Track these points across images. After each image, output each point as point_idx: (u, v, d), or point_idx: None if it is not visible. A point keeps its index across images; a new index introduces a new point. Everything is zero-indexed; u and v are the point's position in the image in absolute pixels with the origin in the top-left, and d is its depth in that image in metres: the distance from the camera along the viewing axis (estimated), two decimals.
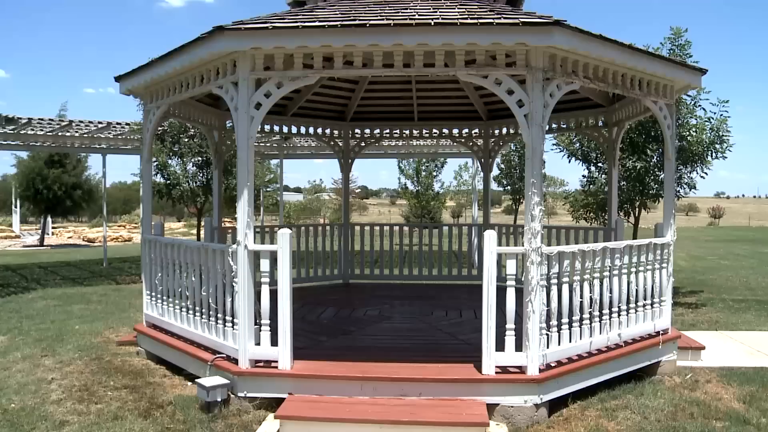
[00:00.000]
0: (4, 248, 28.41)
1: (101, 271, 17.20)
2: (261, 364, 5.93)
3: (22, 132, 15.35)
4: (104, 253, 19.33)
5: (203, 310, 6.57)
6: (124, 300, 12.02)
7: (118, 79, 7.69)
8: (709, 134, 10.91)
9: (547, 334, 5.76)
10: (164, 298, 7.33)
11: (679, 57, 10.84)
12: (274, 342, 5.85)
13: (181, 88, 6.84)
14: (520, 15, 5.74)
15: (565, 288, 5.96)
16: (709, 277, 16.05)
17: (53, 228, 40.37)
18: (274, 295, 5.81)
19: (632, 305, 6.72)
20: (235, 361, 5.98)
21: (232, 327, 6.06)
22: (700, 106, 11.15)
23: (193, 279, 6.72)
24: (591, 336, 6.25)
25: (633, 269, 6.70)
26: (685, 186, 11.58)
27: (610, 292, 6.42)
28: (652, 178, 11.27)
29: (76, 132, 16.08)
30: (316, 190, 60.52)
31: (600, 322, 6.34)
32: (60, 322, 9.77)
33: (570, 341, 6.05)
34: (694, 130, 10.89)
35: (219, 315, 6.29)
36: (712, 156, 11.10)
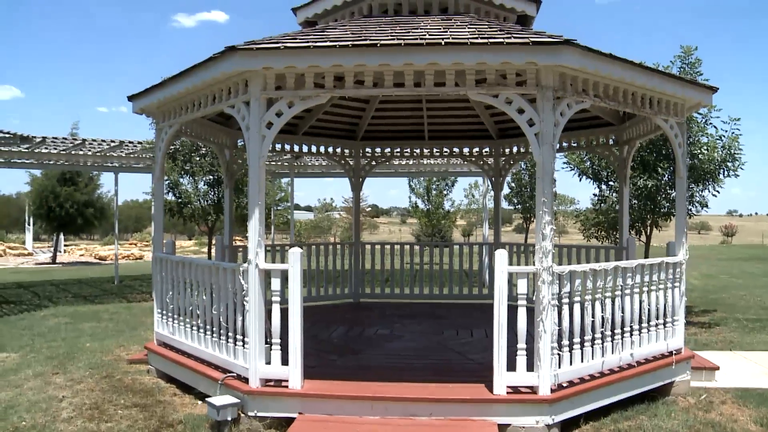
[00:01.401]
0: (17, 265, 28.58)
1: (112, 289, 17.25)
2: (271, 383, 5.92)
3: (36, 150, 15.51)
4: (115, 271, 19.40)
5: (214, 329, 6.57)
6: (134, 318, 12.04)
7: (131, 98, 7.76)
8: (720, 152, 10.86)
9: (558, 354, 5.72)
10: (175, 316, 7.34)
11: (690, 75, 10.83)
12: (285, 361, 5.84)
13: (193, 107, 6.90)
14: (530, 34, 5.76)
15: (577, 307, 5.93)
16: (722, 296, 15.91)
17: (65, 245, 40.59)
18: (284, 313, 5.81)
19: (644, 325, 6.66)
20: (246, 380, 5.96)
21: (243, 346, 6.05)
22: (711, 123, 11.12)
23: (204, 297, 6.73)
24: (603, 356, 6.20)
25: (645, 288, 6.65)
26: (696, 204, 11.53)
27: (622, 311, 6.38)
28: (663, 196, 11.22)
29: (89, 150, 16.22)
30: (327, 209, 60.56)
31: (612, 341, 6.29)
32: (71, 340, 9.79)
33: (582, 361, 6.01)
34: (705, 148, 10.85)
35: (230, 334, 6.29)
36: (724, 174, 11.05)
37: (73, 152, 16.15)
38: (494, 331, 5.60)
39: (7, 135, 12.49)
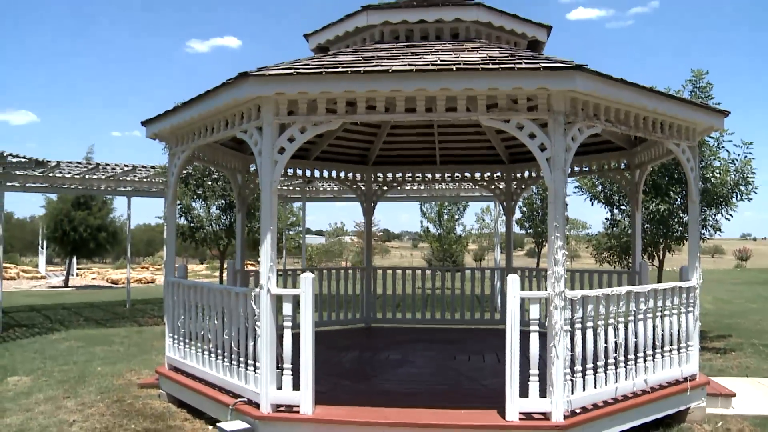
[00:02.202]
0: (30, 288, 28.69)
1: (124, 313, 17.28)
2: (283, 408, 5.89)
3: (51, 175, 15.65)
4: (127, 295, 19.43)
5: (225, 354, 6.56)
6: (146, 342, 12.05)
7: (144, 123, 7.84)
8: (733, 176, 10.83)
9: (571, 380, 5.68)
10: (186, 340, 7.34)
11: (701, 99, 10.84)
12: (296, 386, 5.82)
13: (206, 132, 6.95)
14: (541, 60, 5.79)
15: (590, 332, 5.89)
16: (737, 320, 15.73)
17: (78, 269, 40.76)
18: (296, 338, 5.80)
19: (658, 350, 6.61)
20: (257, 406, 5.94)
21: (254, 371, 6.04)
22: (723, 147, 11.11)
23: (216, 322, 6.73)
24: (616, 381, 6.14)
25: (658, 313, 6.61)
26: (710, 228, 11.47)
27: (636, 336, 6.33)
28: (676, 220, 11.18)
29: (103, 175, 16.34)
30: (338, 233, 60.56)
31: (625, 367, 6.24)
32: (83, 364, 9.81)
33: (595, 387, 5.95)
34: (717, 171, 10.83)
35: (241, 358, 6.28)
36: (736, 198, 11.01)
37: (87, 176, 16.29)
38: (506, 356, 5.56)
39: (22, 159, 12.60)
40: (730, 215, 11.28)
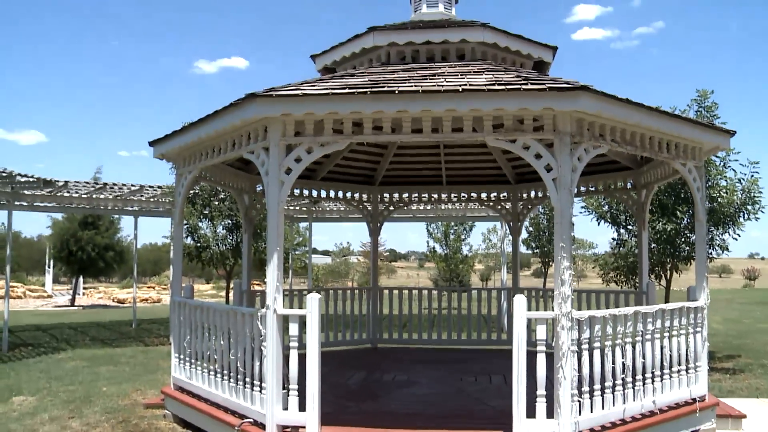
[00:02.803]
0: (37, 308, 28.74)
1: (130, 333, 17.27)
2: (288, 429, 5.87)
3: (59, 194, 15.72)
4: (133, 315, 19.43)
5: (231, 374, 6.55)
6: (152, 362, 12.02)
7: (152, 143, 7.88)
8: (740, 195, 10.81)
9: (579, 401, 5.64)
10: (192, 360, 7.33)
11: (707, 118, 10.85)
12: (302, 407, 5.80)
13: (213, 152, 6.99)
14: (547, 80, 5.82)
15: (597, 353, 5.86)
16: (745, 341, 15.62)
17: (84, 288, 40.80)
18: (302, 359, 5.79)
19: (666, 371, 6.56)
20: (263, 426, 5.91)
21: (260, 391, 6.02)
22: (729, 167, 11.10)
23: (222, 342, 6.72)
24: (624, 403, 6.09)
25: (666, 334, 6.57)
26: (717, 248, 11.43)
27: (643, 357, 6.29)
28: (683, 240, 11.14)
29: (110, 194, 16.41)
30: (344, 253, 60.58)
31: (633, 388, 6.20)
32: (88, 384, 9.79)
33: (603, 408, 5.91)
34: (724, 191, 10.81)
35: (247, 379, 6.26)
36: (744, 217, 10.98)
37: (94, 196, 16.36)
38: (513, 377, 5.54)
39: (30, 179, 12.68)
40: (738, 235, 11.25)
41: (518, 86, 5.48)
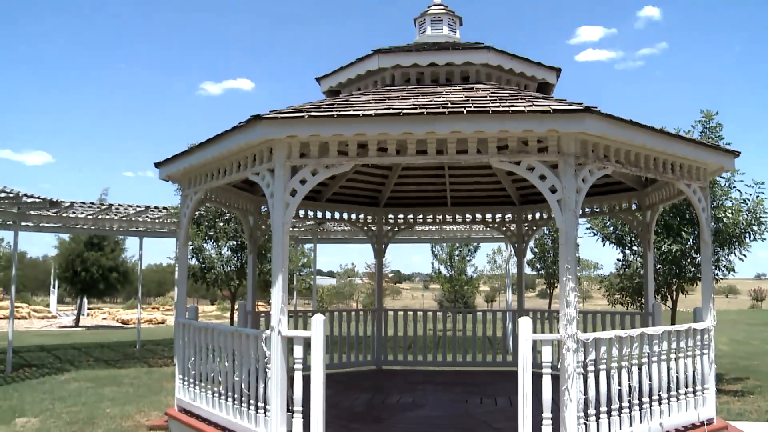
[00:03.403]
0: (41, 328, 28.74)
1: (134, 354, 17.24)
2: None
3: (65, 215, 15.80)
4: (138, 335, 19.42)
5: (235, 396, 6.52)
6: (155, 383, 11.99)
7: (157, 165, 7.92)
8: (745, 216, 10.80)
9: (585, 423, 5.59)
10: (196, 382, 7.30)
11: (711, 139, 10.87)
12: (307, 429, 5.76)
13: (218, 174, 7.02)
14: (551, 102, 5.84)
15: (603, 375, 5.82)
16: (754, 362, 15.51)
17: (89, 309, 40.83)
18: (306, 381, 5.77)
19: (673, 393, 6.51)
20: None
21: (264, 413, 5.99)
22: (735, 187, 11.10)
23: (226, 364, 6.70)
24: (631, 425, 6.04)
25: (672, 355, 6.53)
26: (723, 268, 11.40)
27: (650, 379, 6.25)
28: (688, 260, 11.12)
29: (115, 215, 16.48)
30: (349, 275, 60.52)
31: (640, 410, 6.14)
32: (91, 405, 9.76)
33: (609, 431, 5.86)
34: (730, 211, 10.80)
35: (251, 401, 6.23)
36: (750, 238, 10.96)
37: (100, 217, 16.43)
38: (519, 399, 5.50)
39: (37, 200, 12.75)
40: (744, 255, 11.23)
41: (522, 108, 5.50)
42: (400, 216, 11.73)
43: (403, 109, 5.68)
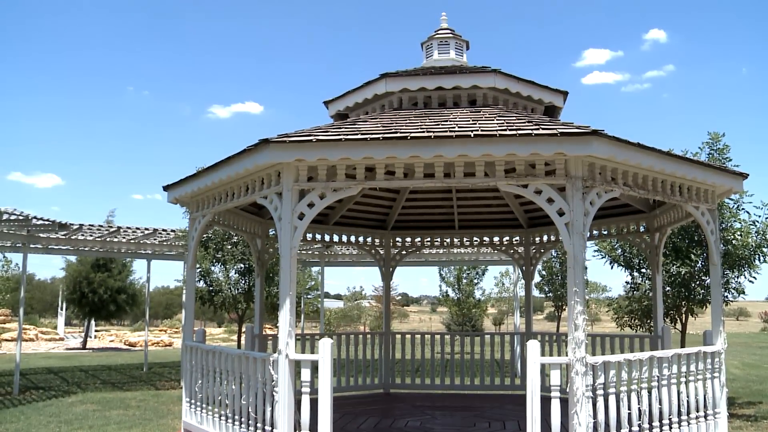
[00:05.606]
0: (48, 350, 28.73)
1: (141, 376, 17.21)
2: None
3: (73, 237, 15.87)
4: (145, 358, 19.39)
5: (243, 419, 6.50)
6: (162, 406, 11.95)
7: (166, 188, 7.97)
8: (755, 237, 10.76)
9: None
10: (204, 405, 7.28)
11: (719, 161, 10.86)
12: None
13: (227, 197, 7.05)
14: (558, 125, 5.86)
15: (612, 399, 5.78)
16: (766, 386, 15.35)
17: (96, 331, 40.81)
18: (314, 404, 5.75)
19: (684, 417, 6.45)
20: None
21: None
22: (743, 209, 11.07)
23: (233, 387, 6.69)
24: None
25: (683, 379, 6.48)
26: (733, 291, 11.32)
27: (660, 403, 6.20)
28: (697, 283, 11.06)
29: (124, 238, 16.53)
30: (357, 298, 60.30)
31: None
32: (98, 428, 9.73)
33: None
34: (738, 233, 10.76)
35: (258, 424, 6.21)
36: (759, 260, 10.90)
37: (108, 239, 16.49)
38: (527, 423, 5.46)
39: (46, 222, 12.83)
40: (754, 278, 11.16)
41: (530, 131, 5.52)
42: (408, 239, 11.72)
43: (411, 132, 5.71)
